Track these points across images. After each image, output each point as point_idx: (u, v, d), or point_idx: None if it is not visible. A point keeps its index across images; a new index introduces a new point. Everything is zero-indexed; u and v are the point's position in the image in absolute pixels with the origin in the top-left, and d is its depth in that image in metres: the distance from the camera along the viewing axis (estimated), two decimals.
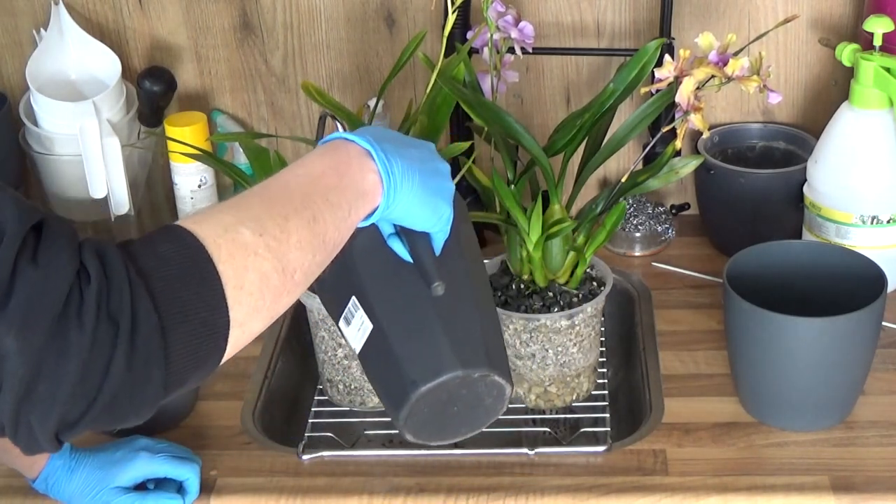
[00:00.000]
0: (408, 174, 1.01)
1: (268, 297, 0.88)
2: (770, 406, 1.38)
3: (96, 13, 1.77)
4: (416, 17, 1.75)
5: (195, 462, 1.31)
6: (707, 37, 1.32)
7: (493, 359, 1.09)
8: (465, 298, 1.10)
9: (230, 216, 0.89)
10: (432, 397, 1.07)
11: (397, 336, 1.09)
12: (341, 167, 0.98)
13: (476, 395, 1.10)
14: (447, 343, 1.07)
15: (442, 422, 1.11)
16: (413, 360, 1.07)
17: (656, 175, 1.42)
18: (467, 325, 1.09)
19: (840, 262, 1.42)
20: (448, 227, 1.08)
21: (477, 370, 1.07)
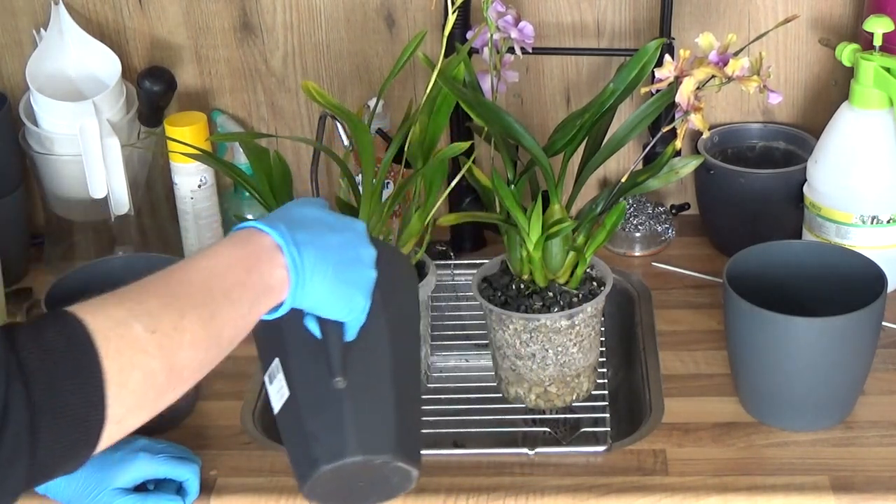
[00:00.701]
0: (319, 268, 0.99)
1: (151, 396, 0.87)
2: (770, 406, 1.38)
3: (96, 13, 1.77)
4: (416, 17, 1.75)
5: (195, 462, 1.31)
6: (707, 37, 1.32)
7: (401, 445, 1.08)
8: (380, 382, 1.09)
9: (123, 309, 0.87)
10: (334, 475, 1.08)
11: (308, 411, 1.08)
12: (249, 261, 0.96)
13: (381, 476, 1.10)
14: (353, 427, 1.06)
15: (348, 492, 1.12)
16: (318, 439, 1.07)
17: (656, 175, 1.42)
18: (378, 410, 1.08)
19: (840, 262, 1.42)
20: (362, 315, 1.05)
21: (379, 457, 1.07)
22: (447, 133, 1.71)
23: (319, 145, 1.43)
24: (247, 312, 0.95)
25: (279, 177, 1.41)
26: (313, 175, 1.52)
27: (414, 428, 1.13)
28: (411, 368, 1.15)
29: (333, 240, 1.02)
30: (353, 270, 1.03)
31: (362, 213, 1.38)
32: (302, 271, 0.97)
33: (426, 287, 1.42)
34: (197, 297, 0.91)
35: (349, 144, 1.43)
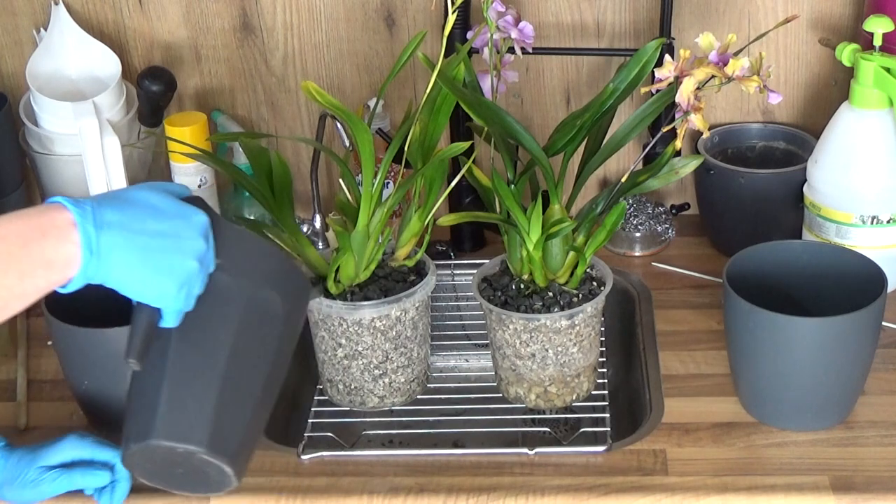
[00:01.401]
0: (121, 250, 1.00)
1: None
2: (770, 406, 1.38)
3: (96, 13, 1.77)
4: (416, 17, 1.75)
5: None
6: (707, 37, 1.32)
7: (214, 440, 1.08)
8: (206, 375, 1.09)
9: None
10: (145, 456, 1.09)
11: (134, 388, 1.11)
12: (31, 234, 0.97)
13: (197, 468, 1.10)
14: (163, 412, 1.08)
15: (169, 475, 1.13)
16: (134, 417, 1.10)
17: (656, 175, 1.42)
18: (196, 402, 1.09)
19: (840, 262, 1.42)
20: (175, 303, 1.05)
21: (184, 446, 1.08)
22: (447, 133, 1.71)
23: (319, 145, 1.43)
24: (15, 284, 0.96)
25: (279, 177, 1.41)
26: (313, 175, 1.52)
27: (238, 428, 1.12)
28: (258, 368, 1.14)
29: (153, 225, 1.03)
30: (167, 258, 1.03)
31: (362, 213, 1.38)
32: (96, 249, 0.99)
33: (426, 287, 1.43)
34: None
35: (349, 144, 1.43)
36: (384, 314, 1.40)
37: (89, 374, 1.37)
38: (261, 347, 1.14)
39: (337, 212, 1.43)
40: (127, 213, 1.01)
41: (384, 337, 1.41)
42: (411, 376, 1.46)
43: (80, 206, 0.99)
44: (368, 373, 1.43)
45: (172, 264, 1.04)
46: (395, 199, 1.40)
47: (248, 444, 1.14)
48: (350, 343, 1.41)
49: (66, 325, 1.35)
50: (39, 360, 1.57)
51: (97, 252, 0.99)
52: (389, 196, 1.41)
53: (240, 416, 1.12)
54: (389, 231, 1.44)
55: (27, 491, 1.25)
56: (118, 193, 1.04)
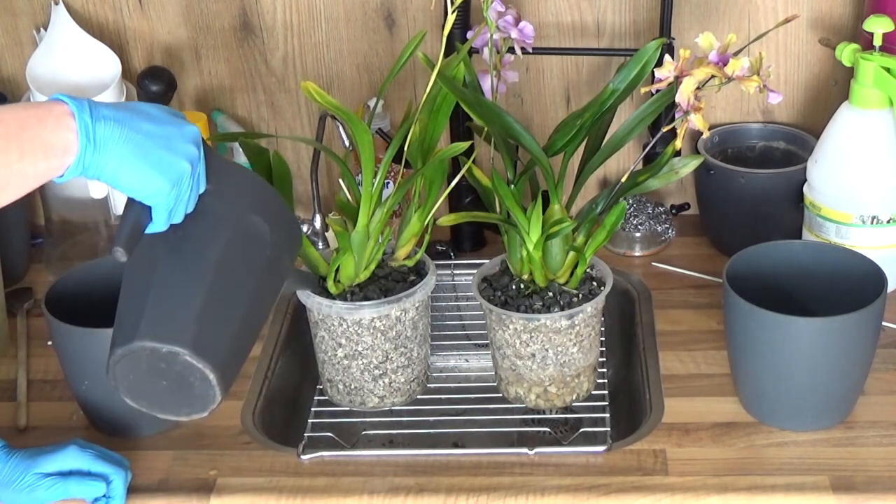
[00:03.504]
0: (116, 141, 1.03)
1: None
2: (770, 406, 1.38)
3: (96, 13, 1.77)
4: (416, 17, 1.75)
5: (123, 466, 1.30)
6: (707, 37, 1.32)
7: (197, 343, 1.09)
8: (194, 280, 1.10)
9: None
10: (131, 364, 1.09)
11: (122, 294, 1.12)
12: (30, 120, 1.00)
13: (180, 377, 1.10)
14: (150, 314, 1.09)
15: (153, 389, 1.12)
16: (121, 323, 1.11)
17: (656, 175, 1.42)
18: (182, 306, 1.09)
19: (840, 262, 1.42)
20: (166, 199, 1.07)
21: (167, 346, 1.08)
22: (447, 133, 1.71)
23: (319, 145, 1.43)
24: (16, 161, 0.99)
25: (279, 177, 1.41)
26: (313, 175, 1.52)
27: (223, 337, 1.12)
28: (245, 288, 1.15)
29: (147, 126, 1.05)
30: (161, 155, 1.05)
31: (362, 213, 1.38)
32: (93, 138, 1.01)
33: (426, 287, 1.43)
34: None
35: (349, 144, 1.43)
36: (384, 314, 1.40)
37: (89, 374, 1.37)
38: (247, 267, 1.15)
39: (337, 212, 1.43)
40: (123, 113, 1.04)
41: (384, 337, 1.41)
42: (411, 376, 1.46)
43: (77, 101, 1.02)
44: (368, 373, 1.43)
45: (166, 161, 1.06)
46: (395, 199, 1.40)
47: (232, 358, 1.14)
48: (350, 343, 1.41)
49: (66, 325, 1.35)
50: (39, 360, 1.57)
51: (94, 141, 1.01)
52: (389, 196, 1.41)
53: (225, 327, 1.12)
54: (389, 231, 1.44)
55: (22, 496, 1.25)
56: (115, 104, 1.07)
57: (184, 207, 1.09)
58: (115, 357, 1.09)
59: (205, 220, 1.11)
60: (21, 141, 0.99)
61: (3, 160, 0.98)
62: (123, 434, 1.39)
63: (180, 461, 1.37)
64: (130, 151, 1.03)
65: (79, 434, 1.38)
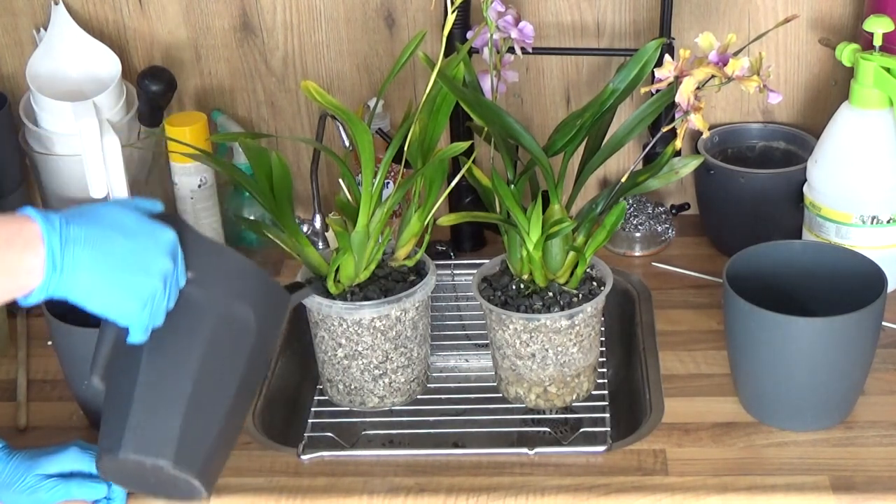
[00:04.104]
0: (85, 265, 1.00)
1: None
2: (770, 406, 1.38)
3: (96, 13, 1.77)
4: (416, 17, 1.75)
5: None
6: (707, 37, 1.32)
7: (181, 455, 1.10)
8: (174, 390, 1.10)
9: None
10: (117, 467, 1.10)
11: (106, 399, 1.12)
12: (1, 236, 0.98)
13: (167, 480, 1.11)
14: (132, 427, 1.09)
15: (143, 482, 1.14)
16: (106, 430, 1.11)
17: (656, 175, 1.42)
18: (165, 416, 1.10)
19: (840, 262, 1.42)
20: (138, 321, 1.05)
21: (152, 460, 1.09)
22: (447, 133, 1.71)
23: (319, 145, 1.43)
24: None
25: (279, 177, 1.41)
26: (313, 175, 1.52)
27: (206, 442, 1.13)
28: (228, 386, 1.14)
29: (119, 243, 1.03)
30: (131, 277, 1.03)
31: (362, 213, 1.38)
32: (60, 264, 0.99)
33: (426, 287, 1.43)
34: None
35: (349, 144, 1.43)
36: (384, 314, 1.40)
37: (89, 374, 1.37)
38: (231, 362, 1.14)
39: (337, 212, 1.43)
40: (94, 230, 1.02)
41: (384, 337, 1.41)
42: (411, 376, 1.46)
43: (48, 220, 0.99)
44: (368, 373, 1.43)
45: (136, 283, 1.04)
46: (395, 199, 1.40)
47: (217, 457, 1.15)
48: (350, 343, 1.41)
49: (66, 325, 1.35)
50: (39, 360, 1.57)
51: (60, 267, 0.99)
52: (389, 196, 1.41)
53: (208, 430, 1.13)
54: (389, 231, 1.44)
55: (23, 497, 1.25)
56: (88, 209, 1.04)
57: (162, 315, 1.07)
58: (102, 463, 1.11)
59: (187, 314, 1.10)
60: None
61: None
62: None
63: None
64: (100, 276, 1.01)
65: (79, 434, 1.38)
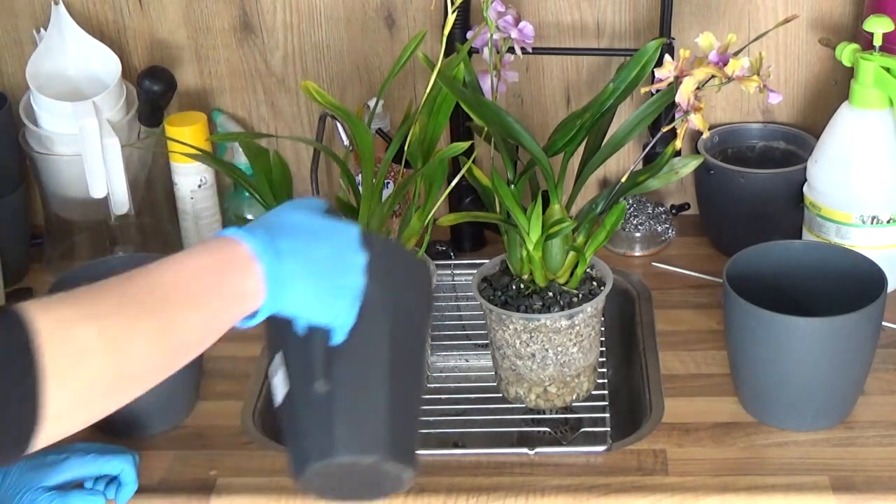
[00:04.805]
0: (300, 277, 0.98)
1: (95, 397, 0.86)
2: (770, 406, 1.38)
3: (96, 13, 1.77)
4: (416, 17, 1.75)
5: (128, 454, 1.30)
6: (707, 37, 1.32)
7: (392, 447, 1.08)
8: (373, 383, 1.08)
9: (74, 310, 0.86)
10: (325, 472, 1.08)
11: (301, 408, 1.09)
12: (219, 270, 0.94)
13: (373, 475, 1.10)
14: (342, 427, 1.07)
15: (344, 488, 1.12)
16: (309, 436, 1.08)
17: (656, 175, 1.42)
18: (369, 412, 1.08)
19: (840, 262, 1.42)
20: (348, 320, 1.03)
21: (368, 458, 1.07)
22: (447, 133, 1.71)
23: (319, 145, 1.43)
24: (211, 320, 0.93)
25: (279, 177, 1.41)
26: (313, 175, 1.52)
27: (409, 429, 1.12)
28: (411, 367, 1.14)
29: (319, 248, 1.00)
30: (338, 278, 1.01)
31: (362, 213, 1.38)
32: (279, 281, 0.96)
33: None
34: (155, 303, 0.90)
35: (349, 144, 1.43)
36: None
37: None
38: (412, 344, 1.13)
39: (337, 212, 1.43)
40: (295, 239, 0.99)
41: None
42: None
43: (256, 238, 0.96)
44: None
45: (344, 284, 1.02)
46: (395, 199, 1.40)
47: (417, 440, 1.13)
48: None
49: None
50: None
51: (280, 283, 0.96)
52: (389, 196, 1.41)
53: (408, 417, 1.12)
54: (389, 231, 1.43)
55: None
56: (276, 219, 1.01)
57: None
58: (309, 470, 1.07)
59: (368, 312, 1.08)
60: (216, 295, 0.93)
61: (199, 320, 0.93)
62: (123, 434, 1.39)
63: (180, 461, 1.37)
64: (313, 283, 0.99)
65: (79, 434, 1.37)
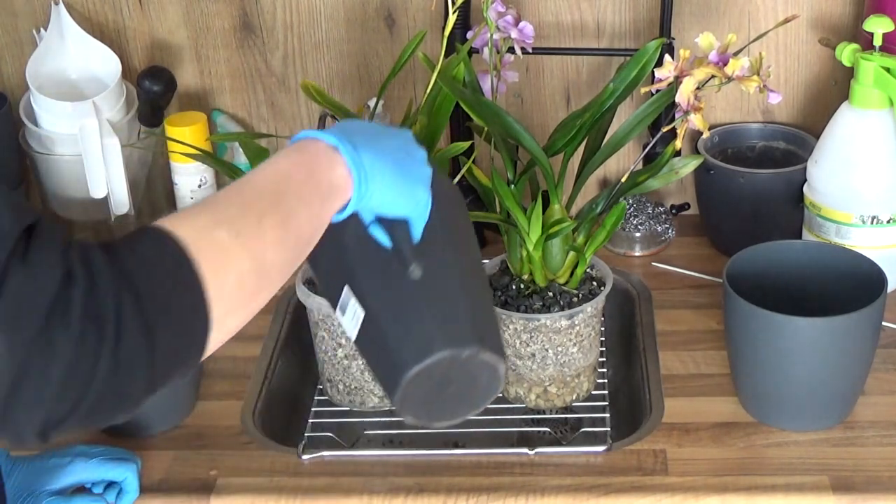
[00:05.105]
0: (378, 164, 1.02)
1: (246, 296, 0.90)
2: (770, 406, 1.38)
3: (96, 13, 1.77)
4: (416, 17, 1.75)
5: (131, 461, 1.31)
6: (707, 37, 1.32)
7: (484, 338, 1.09)
8: (451, 279, 1.10)
9: (206, 218, 0.90)
10: (424, 379, 1.07)
11: (386, 321, 1.09)
12: (309, 164, 0.99)
13: (470, 375, 1.09)
14: (434, 324, 1.07)
15: (440, 402, 1.11)
16: (402, 344, 1.07)
17: (656, 175, 1.42)
18: (454, 306, 1.09)
19: (840, 262, 1.42)
20: (426, 211, 1.08)
21: (465, 349, 1.07)
22: (447, 133, 1.71)
23: None
24: (319, 210, 0.98)
25: None
26: None
27: (494, 325, 1.14)
28: (479, 271, 1.16)
29: (387, 142, 1.05)
30: (410, 167, 1.06)
31: None
32: (362, 168, 1.00)
33: None
34: (270, 200, 0.94)
35: None
36: None
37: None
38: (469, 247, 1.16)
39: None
40: (366, 136, 1.04)
41: None
42: None
43: (331, 134, 1.01)
44: (368, 373, 1.43)
45: (417, 171, 1.06)
46: None
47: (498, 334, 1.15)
48: (350, 343, 1.41)
49: None
50: None
51: (363, 169, 1.01)
52: None
53: (487, 313, 1.13)
54: None
55: None
56: (341, 126, 1.06)
57: None
58: (407, 377, 1.06)
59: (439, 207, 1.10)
60: (314, 187, 0.98)
61: (311, 211, 0.97)
62: (124, 434, 1.39)
63: (180, 461, 1.37)
64: (390, 172, 1.03)
65: (79, 434, 1.38)
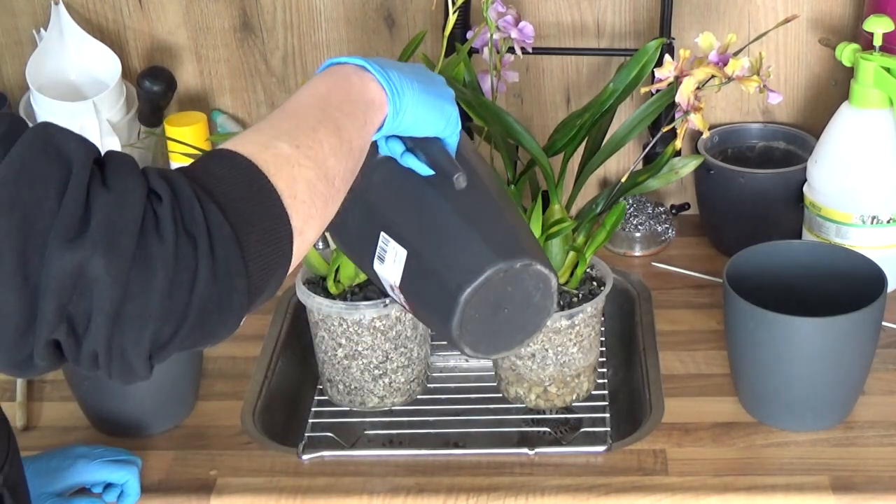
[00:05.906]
0: (406, 82, 1.04)
1: (318, 204, 0.91)
2: (770, 406, 1.38)
3: (96, 13, 1.77)
4: (416, 17, 1.75)
5: (133, 464, 1.31)
6: (707, 37, 1.32)
7: (530, 249, 1.09)
8: (485, 197, 1.11)
9: (264, 135, 0.92)
10: (480, 300, 1.07)
11: (432, 250, 1.09)
12: (343, 83, 1.01)
13: (523, 292, 1.09)
14: (481, 241, 1.07)
15: (496, 328, 1.11)
16: (452, 267, 1.07)
17: (656, 175, 1.42)
18: (498, 221, 1.10)
19: (840, 262, 1.42)
20: (457, 128, 1.10)
21: (517, 260, 1.07)
22: None
23: None
24: (363, 123, 1.00)
25: None
26: None
27: (535, 240, 1.15)
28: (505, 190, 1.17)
29: (409, 67, 1.08)
30: (436, 87, 1.08)
31: None
32: (393, 87, 1.03)
33: None
34: (318, 116, 0.96)
35: None
36: (384, 314, 1.40)
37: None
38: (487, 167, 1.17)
39: None
40: (389, 62, 1.06)
41: (384, 337, 1.41)
42: (411, 376, 1.46)
43: (357, 59, 1.03)
44: (368, 373, 1.43)
45: (442, 91, 1.09)
46: None
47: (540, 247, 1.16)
48: (350, 343, 1.41)
49: None
50: None
51: (394, 85, 1.03)
52: None
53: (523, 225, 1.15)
54: None
55: None
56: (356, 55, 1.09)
57: None
58: (465, 296, 1.06)
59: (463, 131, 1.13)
60: (354, 102, 1.00)
61: (356, 123, 0.99)
62: (124, 434, 1.39)
63: (180, 461, 1.37)
64: (420, 90, 1.06)
65: (79, 434, 1.38)
